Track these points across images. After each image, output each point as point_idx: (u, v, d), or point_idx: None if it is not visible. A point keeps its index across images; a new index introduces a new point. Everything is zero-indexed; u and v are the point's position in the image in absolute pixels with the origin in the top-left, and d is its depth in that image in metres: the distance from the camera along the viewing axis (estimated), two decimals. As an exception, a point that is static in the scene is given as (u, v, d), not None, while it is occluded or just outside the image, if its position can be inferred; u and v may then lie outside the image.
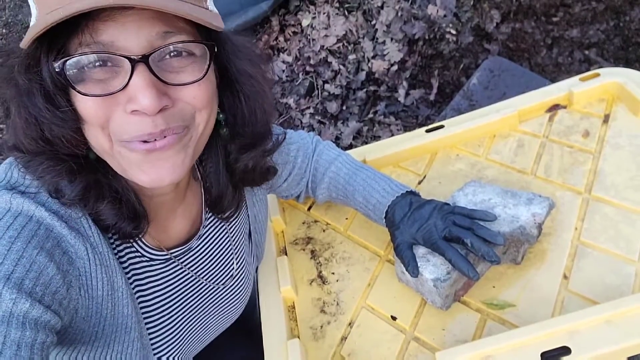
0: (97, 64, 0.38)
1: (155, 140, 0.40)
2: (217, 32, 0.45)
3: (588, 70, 0.83)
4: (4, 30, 2.63)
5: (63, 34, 0.37)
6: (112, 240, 0.48)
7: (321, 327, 0.67)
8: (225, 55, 0.47)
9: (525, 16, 1.81)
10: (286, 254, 0.79)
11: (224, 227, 0.62)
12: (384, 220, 0.67)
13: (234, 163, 0.53)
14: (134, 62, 0.37)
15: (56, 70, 0.37)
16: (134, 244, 0.50)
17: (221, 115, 0.50)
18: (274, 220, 0.82)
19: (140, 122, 0.39)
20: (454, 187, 0.77)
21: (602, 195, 0.68)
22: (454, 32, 1.73)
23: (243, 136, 0.52)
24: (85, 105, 0.39)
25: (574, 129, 0.78)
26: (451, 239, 0.58)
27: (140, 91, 0.38)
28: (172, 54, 0.40)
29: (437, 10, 1.71)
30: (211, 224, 0.60)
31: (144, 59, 0.38)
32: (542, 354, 0.51)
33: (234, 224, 0.64)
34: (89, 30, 0.37)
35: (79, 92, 0.38)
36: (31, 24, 0.38)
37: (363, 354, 0.62)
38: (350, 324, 0.66)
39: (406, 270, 0.60)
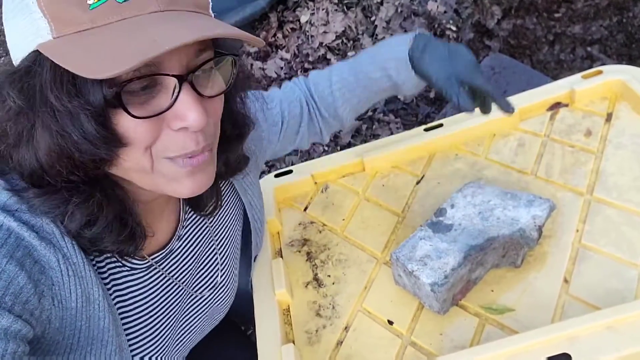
0: (144, 84, 0.37)
1: (198, 155, 0.42)
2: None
3: (591, 67, 0.81)
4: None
5: None
6: (91, 256, 0.47)
7: (316, 331, 0.66)
8: None
9: (526, 12, 1.79)
10: (282, 256, 0.77)
11: (206, 225, 0.60)
12: (414, 72, 0.62)
13: None
14: (181, 81, 0.38)
15: (111, 94, 0.36)
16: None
17: None
18: (270, 221, 0.81)
19: (185, 139, 0.40)
20: (452, 187, 0.75)
21: (604, 196, 0.66)
22: (454, 28, 1.70)
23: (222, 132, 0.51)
24: (134, 127, 0.38)
25: (575, 128, 0.77)
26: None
27: (190, 109, 0.38)
28: (205, 69, 0.41)
29: (437, 7, 1.69)
30: (192, 223, 0.59)
31: (189, 76, 0.38)
32: (542, 361, 0.50)
33: (221, 219, 0.62)
34: None
35: (131, 115, 0.37)
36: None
37: (359, 359, 0.61)
38: (346, 328, 0.65)
39: (461, 106, 0.58)
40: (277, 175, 0.88)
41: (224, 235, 0.63)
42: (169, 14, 0.37)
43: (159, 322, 0.55)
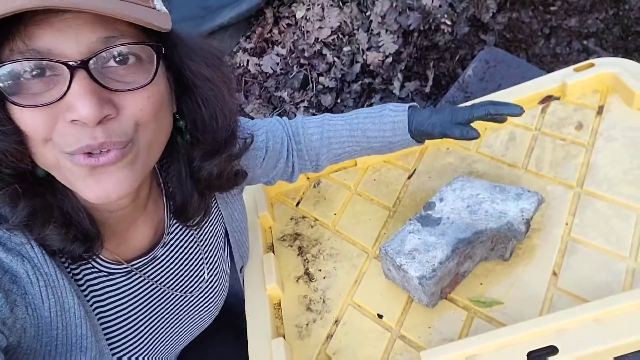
0: (34, 73, 0.35)
1: (99, 153, 0.38)
2: (167, 34, 0.42)
3: (587, 60, 0.80)
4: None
5: None
6: (63, 259, 0.46)
7: (307, 325, 0.66)
8: (178, 58, 0.44)
9: (522, 5, 1.78)
10: (273, 251, 0.77)
11: (191, 233, 0.60)
12: (409, 135, 0.66)
13: (198, 171, 0.51)
14: (72, 69, 0.35)
15: None
16: (89, 260, 0.48)
17: (181, 122, 0.48)
18: (262, 216, 0.81)
19: (78, 133, 0.37)
20: (443, 181, 0.75)
21: (594, 189, 0.66)
22: (449, 22, 1.70)
23: (205, 143, 0.49)
24: (25, 118, 0.36)
25: (567, 121, 0.76)
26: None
27: (79, 99, 0.35)
28: (116, 59, 0.37)
29: (432, 1, 1.68)
30: (177, 230, 0.58)
31: (83, 64, 0.35)
32: (529, 354, 0.50)
33: (205, 228, 0.61)
34: (22, 36, 0.34)
35: (13, 102, 0.35)
36: None
37: (348, 352, 0.61)
38: (336, 322, 0.65)
39: (468, 136, 0.62)
40: (269, 171, 0.88)
41: (210, 241, 0.63)
42: None
43: (142, 325, 0.54)
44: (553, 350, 0.50)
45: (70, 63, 0.35)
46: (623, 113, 0.74)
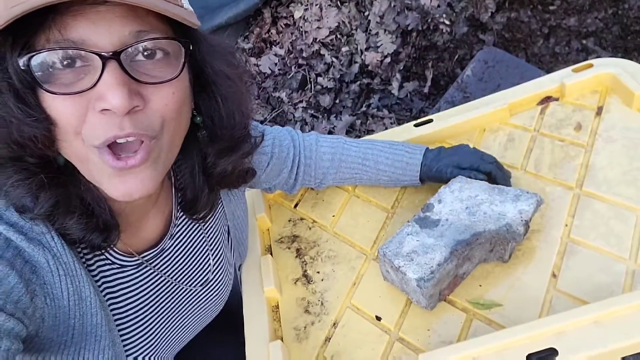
0: (66, 62, 0.36)
1: (127, 156, 0.39)
2: (193, 31, 0.43)
3: (586, 60, 0.80)
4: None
5: (30, 29, 0.36)
6: (79, 249, 0.47)
7: (305, 327, 0.66)
8: (201, 55, 0.45)
9: (521, 5, 1.78)
10: (271, 253, 0.77)
11: (198, 225, 0.60)
12: (418, 177, 0.71)
13: (212, 167, 0.52)
14: (104, 59, 0.36)
15: (21, 67, 0.36)
16: (103, 252, 0.49)
17: (198, 118, 0.48)
18: (260, 218, 0.81)
19: (107, 123, 0.38)
20: (441, 183, 0.75)
21: (594, 190, 0.66)
22: (447, 22, 1.69)
23: (222, 139, 0.50)
24: (57, 105, 0.37)
25: (565, 122, 0.76)
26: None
27: (111, 89, 0.36)
28: (145, 53, 0.39)
29: (431, 1, 1.67)
30: (184, 223, 0.58)
31: (115, 55, 0.37)
32: (528, 356, 0.50)
33: (211, 221, 0.62)
34: (57, 26, 0.35)
35: (46, 90, 0.36)
36: None
37: (347, 355, 0.61)
38: (334, 324, 0.65)
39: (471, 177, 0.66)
40: (267, 172, 0.87)
41: (215, 233, 0.63)
42: None
43: (151, 318, 0.55)
44: (553, 352, 0.49)
45: (102, 54, 0.36)
46: (622, 114, 0.73)
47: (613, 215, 0.62)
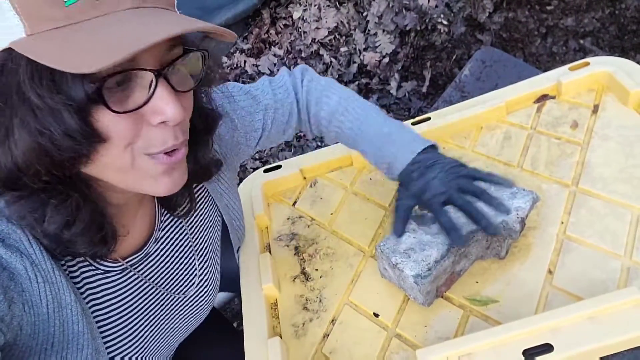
0: (120, 80, 0.37)
1: (174, 152, 0.42)
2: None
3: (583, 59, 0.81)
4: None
5: None
6: (63, 260, 0.46)
7: (303, 324, 0.66)
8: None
9: (518, 5, 1.79)
10: (270, 251, 0.77)
11: (182, 227, 0.60)
12: (396, 174, 0.64)
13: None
14: (157, 76, 0.38)
15: (92, 89, 0.36)
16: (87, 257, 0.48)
17: None
18: (258, 216, 0.81)
19: (164, 134, 0.41)
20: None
21: (589, 187, 0.66)
22: (445, 22, 1.70)
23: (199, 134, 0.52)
24: (114, 124, 0.38)
25: (562, 120, 0.77)
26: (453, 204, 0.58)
27: (167, 103, 0.39)
28: (177, 65, 0.41)
29: (429, 1, 1.68)
30: (169, 226, 0.58)
31: (164, 71, 0.39)
32: (524, 352, 0.50)
33: (196, 221, 0.62)
34: None
35: (112, 110, 0.37)
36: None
37: (345, 351, 0.61)
38: (332, 321, 0.65)
39: (392, 227, 0.60)
40: (266, 171, 0.88)
41: (202, 235, 0.63)
42: (142, 10, 0.37)
43: (137, 324, 0.54)
44: (548, 348, 0.50)
45: (154, 70, 0.38)
46: (618, 112, 0.74)
47: (608, 213, 0.63)
